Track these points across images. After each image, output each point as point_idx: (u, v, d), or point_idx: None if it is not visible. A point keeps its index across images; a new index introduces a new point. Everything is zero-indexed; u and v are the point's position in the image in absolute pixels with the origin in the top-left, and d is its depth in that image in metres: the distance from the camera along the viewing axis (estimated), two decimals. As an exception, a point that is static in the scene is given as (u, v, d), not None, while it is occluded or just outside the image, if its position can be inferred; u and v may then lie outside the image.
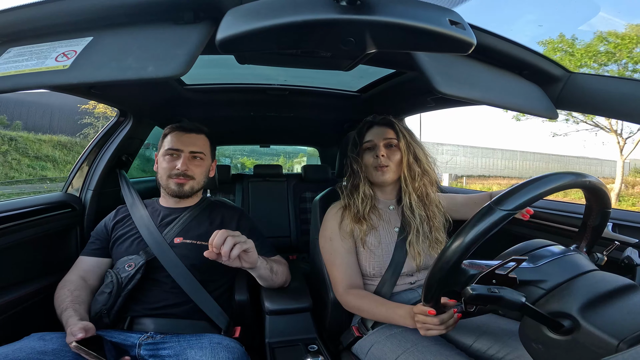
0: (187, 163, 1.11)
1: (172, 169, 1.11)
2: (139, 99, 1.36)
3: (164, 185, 1.14)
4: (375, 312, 0.97)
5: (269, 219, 2.29)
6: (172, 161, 1.12)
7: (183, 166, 1.10)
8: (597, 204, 0.68)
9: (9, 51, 0.55)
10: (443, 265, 0.59)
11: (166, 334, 0.96)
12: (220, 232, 0.85)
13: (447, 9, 0.50)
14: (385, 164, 1.08)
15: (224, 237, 0.84)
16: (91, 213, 1.39)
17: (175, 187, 1.11)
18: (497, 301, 0.53)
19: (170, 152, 1.12)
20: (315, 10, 0.45)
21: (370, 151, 1.12)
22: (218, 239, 0.84)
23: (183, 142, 1.12)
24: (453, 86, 0.68)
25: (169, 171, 1.11)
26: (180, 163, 1.10)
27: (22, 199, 1.22)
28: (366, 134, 1.14)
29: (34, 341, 0.81)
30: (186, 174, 1.11)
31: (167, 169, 1.12)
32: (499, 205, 0.56)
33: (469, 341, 0.93)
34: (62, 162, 13.18)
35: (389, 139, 1.11)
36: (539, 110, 0.79)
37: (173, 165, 1.11)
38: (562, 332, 0.53)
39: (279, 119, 1.94)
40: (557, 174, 0.60)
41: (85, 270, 1.07)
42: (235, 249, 0.84)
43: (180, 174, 1.10)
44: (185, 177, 1.12)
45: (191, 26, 0.56)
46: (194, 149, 1.13)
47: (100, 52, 0.53)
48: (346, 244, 1.07)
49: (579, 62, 8.21)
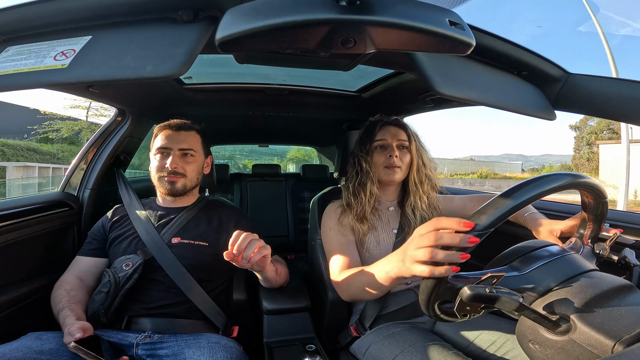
0: (177, 161, 1.11)
1: (162, 168, 1.11)
2: (137, 98, 1.36)
3: (157, 184, 1.14)
4: (364, 279, 0.86)
5: (267, 219, 2.29)
6: (162, 160, 1.11)
7: (172, 164, 1.10)
8: (592, 198, 0.68)
9: (7, 50, 0.54)
10: (428, 284, 0.59)
11: (164, 333, 0.96)
12: (243, 235, 0.83)
13: (447, 10, 0.50)
14: (398, 165, 1.08)
15: (247, 241, 0.83)
16: (88, 212, 1.38)
17: (167, 186, 1.11)
18: (494, 301, 0.53)
19: (160, 150, 1.12)
20: (315, 10, 0.45)
21: (382, 150, 1.12)
22: (242, 243, 0.82)
23: (172, 140, 1.12)
24: (451, 87, 0.68)
25: (160, 170, 1.11)
26: (170, 161, 1.10)
27: (18, 197, 1.21)
28: (378, 133, 1.13)
29: (31, 341, 0.81)
30: (176, 171, 1.11)
31: (157, 167, 1.12)
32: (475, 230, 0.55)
33: (467, 341, 0.94)
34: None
35: (402, 140, 1.11)
36: (537, 111, 0.80)
37: (163, 163, 1.11)
38: (558, 332, 0.53)
39: (278, 118, 1.94)
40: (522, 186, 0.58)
41: (82, 270, 1.07)
42: (256, 254, 0.84)
43: (171, 172, 1.10)
44: (176, 175, 1.11)
45: (190, 25, 0.56)
46: (184, 146, 1.13)
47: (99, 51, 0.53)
48: (346, 237, 1.06)
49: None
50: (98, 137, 1.45)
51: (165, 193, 1.14)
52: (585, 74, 0.78)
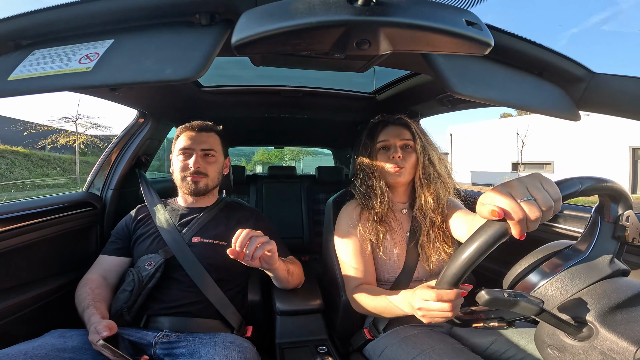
0: (199, 161, 1.14)
1: (185, 168, 1.13)
2: (158, 100, 1.40)
3: (180, 185, 1.17)
4: (375, 304, 0.93)
5: (282, 220, 2.30)
6: (185, 160, 1.14)
7: (196, 164, 1.12)
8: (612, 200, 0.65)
9: (34, 53, 0.56)
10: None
11: (181, 332, 0.97)
12: (245, 231, 0.86)
13: (463, 9, 0.49)
14: (401, 165, 1.06)
15: (249, 237, 0.85)
16: (111, 212, 1.42)
17: (190, 186, 1.14)
18: (513, 305, 0.52)
19: (182, 151, 1.14)
20: (330, 12, 0.45)
21: (386, 151, 1.10)
22: (242, 239, 0.84)
23: (194, 141, 1.15)
24: (469, 87, 0.66)
25: (183, 170, 1.14)
26: (193, 161, 1.12)
27: (45, 197, 1.26)
28: (380, 134, 1.12)
29: (55, 338, 0.83)
30: (199, 171, 1.14)
31: (180, 168, 1.14)
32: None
33: (484, 344, 0.92)
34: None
35: (406, 140, 1.09)
36: (560, 111, 0.77)
37: (186, 164, 1.13)
38: (579, 337, 0.53)
39: (293, 120, 1.95)
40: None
41: (105, 269, 1.10)
42: (258, 249, 0.85)
43: (194, 172, 1.13)
44: (199, 175, 1.14)
45: (207, 28, 0.56)
46: (205, 147, 1.16)
47: (120, 54, 0.54)
48: (360, 243, 1.05)
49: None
50: (121, 139, 1.49)
51: (188, 193, 1.16)
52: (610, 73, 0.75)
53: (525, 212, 0.51)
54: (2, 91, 0.52)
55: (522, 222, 0.51)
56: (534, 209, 0.51)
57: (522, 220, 0.51)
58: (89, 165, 17.46)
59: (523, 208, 0.51)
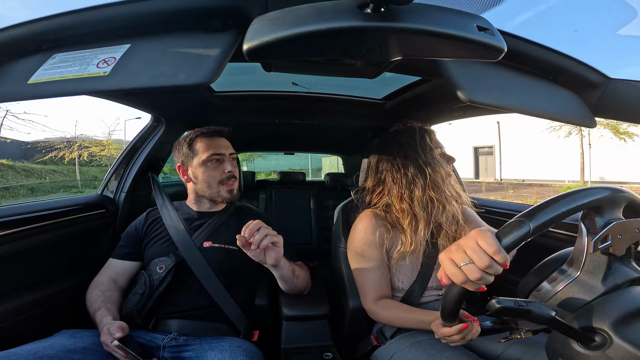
0: (231, 164, 1.16)
1: (222, 174, 1.15)
2: (171, 105, 1.42)
3: (214, 193, 1.16)
4: (406, 320, 0.95)
5: (291, 226, 2.30)
6: (219, 166, 1.15)
7: (233, 168, 1.15)
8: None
9: (54, 57, 0.57)
10: (454, 294, 0.61)
11: (189, 335, 0.98)
12: (256, 221, 0.89)
13: (474, 15, 0.49)
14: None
15: (258, 227, 0.88)
16: (123, 214, 1.45)
17: (226, 194, 1.16)
18: (525, 314, 0.51)
19: (214, 157, 1.15)
20: (341, 18, 0.45)
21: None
22: (253, 227, 0.87)
23: (221, 146, 1.17)
24: (482, 93, 0.66)
25: (220, 177, 1.15)
26: (230, 165, 1.15)
27: (59, 199, 1.29)
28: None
29: (65, 339, 0.84)
30: (234, 174, 1.16)
31: (216, 175, 1.15)
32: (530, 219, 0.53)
33: (495, 352, 0.90)
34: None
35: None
36: (576, 118, 0.75)
37: (222, 169, 1.14)
38: (592, 347, 0.51)
39: (303, 126, 1.96)
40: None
41: (116, 272, 1.11)
42: (265, 239, 0.87)
43: (232, 176, 1.15)
44: (234, 179, 1.17)
45: (220, 34, 0.57)
46: (231, 151, 1.18)
47: (137, 59, 0.55)
48: (378, 254, 1.03)
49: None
50: (135, 143, 1.52)
51: (223, 201, 1.18)
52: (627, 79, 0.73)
53: (467, 276, 0.54)
54: (23, 94, 0.53)
55: (468, 284, 0.55)
56: (473, 270, 0.53)
57: (465, 282, 0.55)
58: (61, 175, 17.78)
59: (464, 272, 0.54)
